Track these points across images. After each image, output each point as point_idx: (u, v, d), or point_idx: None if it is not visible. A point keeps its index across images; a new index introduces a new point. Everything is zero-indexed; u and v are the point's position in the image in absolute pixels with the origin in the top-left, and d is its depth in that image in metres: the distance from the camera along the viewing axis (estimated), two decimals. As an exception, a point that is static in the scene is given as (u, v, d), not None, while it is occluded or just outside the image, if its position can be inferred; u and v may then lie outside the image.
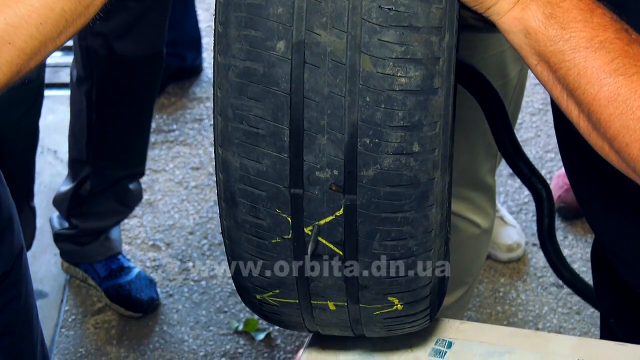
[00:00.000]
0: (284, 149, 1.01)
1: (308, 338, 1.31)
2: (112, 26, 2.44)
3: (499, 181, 3.10)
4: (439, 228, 1.08)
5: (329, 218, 1.05)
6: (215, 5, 1.02)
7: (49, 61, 2.64)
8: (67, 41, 1.05)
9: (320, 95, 1.00)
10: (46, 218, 2.87)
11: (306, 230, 1.05)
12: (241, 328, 2.67)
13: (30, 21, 1.00)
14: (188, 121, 3.44)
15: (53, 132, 3.27)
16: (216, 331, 2.67)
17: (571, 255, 2.93)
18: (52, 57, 1.16)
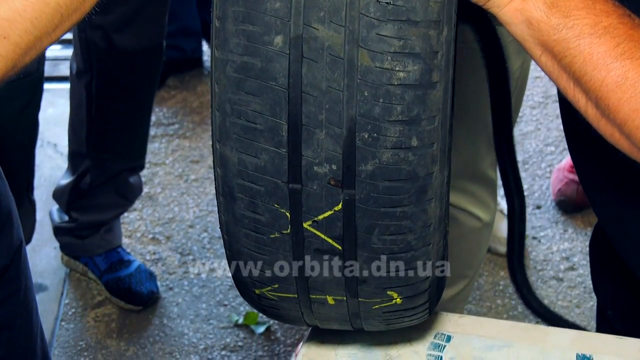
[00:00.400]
0: (282, 144, 1.01)
1: (307, 332, 1.31)
2: (112, 19, 2.43)
3: (498, 175, 3.10)
4: (438, 222, 1.08)
5: (328, 213, 1.04)
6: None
7: (49, 54, 2.64)
8: (63, 36, 1.05)
9: (318, 90, 0.99)
10: (46, 211, 2.87)
11: (305, 225, 1.05)
12: (241, 321, 2.67)
13: (25, 15, 0.99)
14: (188, 114, 3.44)
15: (53, 125, 3.27)
16: (216, 324, 2.67)
17: (571, 248, 2.93)
18: (52, 50, 1.16)
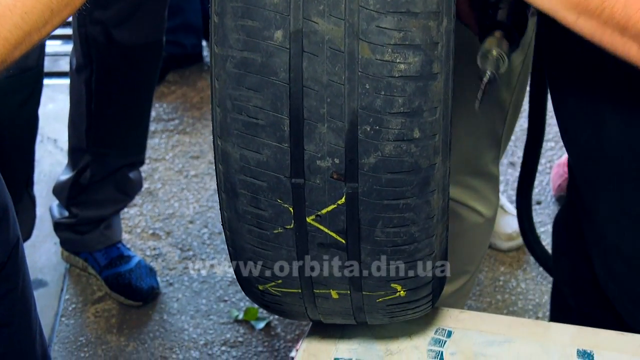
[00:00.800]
0: (284, 139, 1.01)
1: (308, 327, 1.31)
2: (111, 14, 2.42)
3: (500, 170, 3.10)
4: (441, 214, 1.08)
5: (331, 207, 1.04)
6: (211, -5, 1.01)
7: (49, 50, 2.63)
8: (53, 31, 1.04)
9: (319, 83, 0.99)
10: (46, 207, 2.86)
11: (308, 219, 1.05)
12: (241, 317, 2.67)
13: (15, 10, 0.98)
14: (188, 110, 3.43)
15: (53, 121, 3.27)
16: (216, 320, 2.67)
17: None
18: (52, 46, 1.15)
